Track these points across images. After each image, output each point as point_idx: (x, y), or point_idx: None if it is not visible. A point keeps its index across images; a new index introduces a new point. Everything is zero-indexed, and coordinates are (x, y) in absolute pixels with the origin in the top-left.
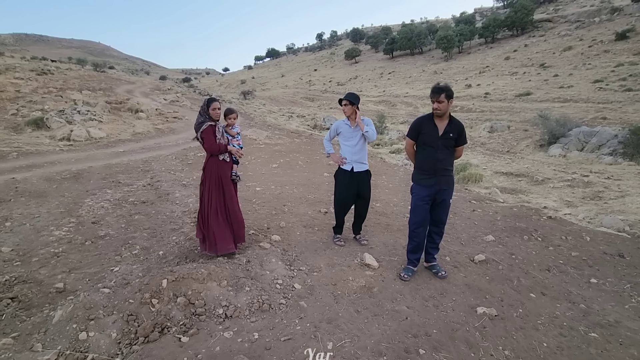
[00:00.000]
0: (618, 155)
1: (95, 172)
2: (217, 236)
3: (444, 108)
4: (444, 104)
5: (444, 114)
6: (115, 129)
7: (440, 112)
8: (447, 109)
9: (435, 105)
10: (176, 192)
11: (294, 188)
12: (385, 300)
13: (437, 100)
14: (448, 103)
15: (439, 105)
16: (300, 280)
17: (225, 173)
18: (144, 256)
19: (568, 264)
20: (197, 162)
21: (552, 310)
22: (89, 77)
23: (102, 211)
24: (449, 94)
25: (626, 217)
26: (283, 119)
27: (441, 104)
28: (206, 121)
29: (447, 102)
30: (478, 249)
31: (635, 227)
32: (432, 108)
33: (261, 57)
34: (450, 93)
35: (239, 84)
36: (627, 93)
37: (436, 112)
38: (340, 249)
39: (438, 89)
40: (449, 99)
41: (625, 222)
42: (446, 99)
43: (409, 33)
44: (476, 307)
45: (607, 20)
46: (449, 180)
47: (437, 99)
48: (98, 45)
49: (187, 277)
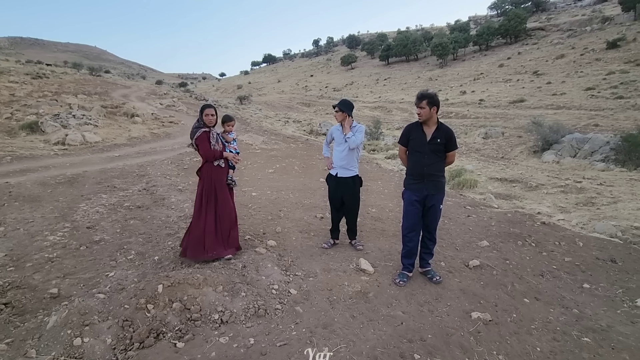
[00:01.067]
0: (610, 161)
1: (90, 177)
2: (190, 241)
3: (425, 114)
4: (425, 110)
5: (425, 119)
6: (110, 134)
7: (421, 117)
8: (428, 115)
9: (417, 110)
10: (172, 197)
11: (290, 193)
12: (381, 305)
13: (419, 106)
14: (430, 110)
15: (420, 110)
16: (296, 285)
17: (220, 178)
18: (139, 261)
19: (561, 269)
20: (193, 167)
21: (546, 315)
22: (85, 81)
23: (97, 216)
24: (432, 102)
25: (618, 222)
26: (279, 124)
27: (422, 109)
28: (200, 127)
29: (428, 109)
30: (473, 254)
31: (627, 233)
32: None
33: (258, 63)
34: (432, 100)
35: (236, 89)
36: (618, 100)
37: (419, 117)
38: (335, 254)
39: (421, 95)
40: (431, 106)
41: (618, 227)
42: (428, 106)
43: (404, 40)
44: (471, 312)
45: (598, 29)
46: (437, 185)
47: (418, 105)
48: (94, 49)
49: (182, 282)
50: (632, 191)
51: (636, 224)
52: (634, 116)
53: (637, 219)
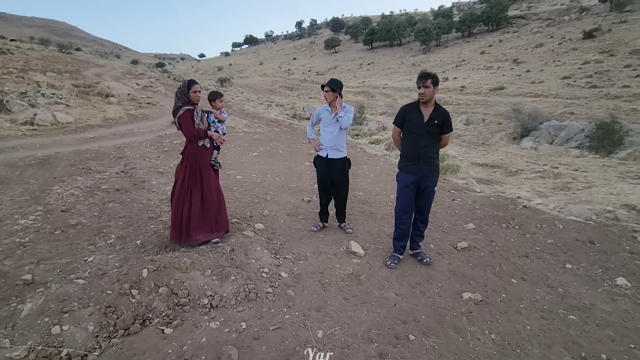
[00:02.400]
0: (584, 148)
1: (63, 159)
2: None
3: (429, 93)
4: (430, 90)
5: (429, 99)
6: (84, 114)
7: (425, 97)
8: (432, 95)
9: (422, 90)
10: (152, 180)
11: (275, 176)
12: (373, 288)
13: (424, 85)
14: (434, 89)
15: (425, 90)
16: (287, 268)
17: (205, 159)
18: (120, 246)
19: (544, 250)
20: (174, 150)
21: (533, 295)
22: (54, 59)
23: (73, 199)
24: (435, 80)
25: (593, 206)
26: (262, 107)
27: (427, 89)
28: (184, 105)
29: (432, 88)
30: (460, 236)
31: (601, 216)
32: (418, 94)
33: (239, 44)
34: (436, 79)
35: (216, 70)
36: (592, 90)
37: (422, 97)
38: (325, 237)
39: (425, 74)
40: (435, 85)
41: (592, 211)
42: (432, 85)
43: (388, 24)
44: (462, 292)
45: (576, 19)
46: (432, 167)
47: (423, 84)
48: (63, 25)
49: (169, 266)
50: (605, 177)
51: (609, 208)
52: (607, 105)
53: (610, 203)
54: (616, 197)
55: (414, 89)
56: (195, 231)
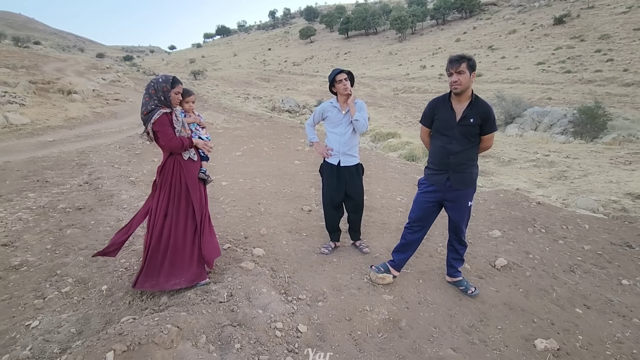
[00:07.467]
0: (569, 134)
1: (13, 169)
2: (149, 265)
3: (465, 82)
4: (465, 76)
5: (463, 90)
6: (42, 114)
7: (459, 87)
8: (468, 84)
9: (455, 77)
10: (122, 193)
11: (265, 180)
12: (421, 340)
13: (457, 70)
14: (470, 76)
15: (458, 77)
16: (304, 317)
17: (193, 176)
18: (79, 295)
19: (587, 260)
20: (147, 152)
21: (610, 331)
22: (8, 53)
23: (19, 226)
24: (472, 64)
25: (597, 197)
26: (239, 100)
27: (461, 75)
28: (158, 108)
29: (469, 74)
30: (491, 248)
31: (609, 207)
32: (449, 84)
33: (211, 35)
34: (472, 63)
35: (188, 63)
36: (567, 75)
37: (455, 87)
38: (340, 261)
39: (458, 57)
40: (471, 70)
41: (598, 202)
42: (468, 70)
43: (363, 13)
44: (531, 338)
45: (545, 5)
46: (465, 178)
47: (456, 70)
48: (19, 17)
49: (145, 342)
50: (598, 163)
51: (613, 198)
52: (582, 89)
53: (612, 192)
54: (616, 186)
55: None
56: (181, 271)
